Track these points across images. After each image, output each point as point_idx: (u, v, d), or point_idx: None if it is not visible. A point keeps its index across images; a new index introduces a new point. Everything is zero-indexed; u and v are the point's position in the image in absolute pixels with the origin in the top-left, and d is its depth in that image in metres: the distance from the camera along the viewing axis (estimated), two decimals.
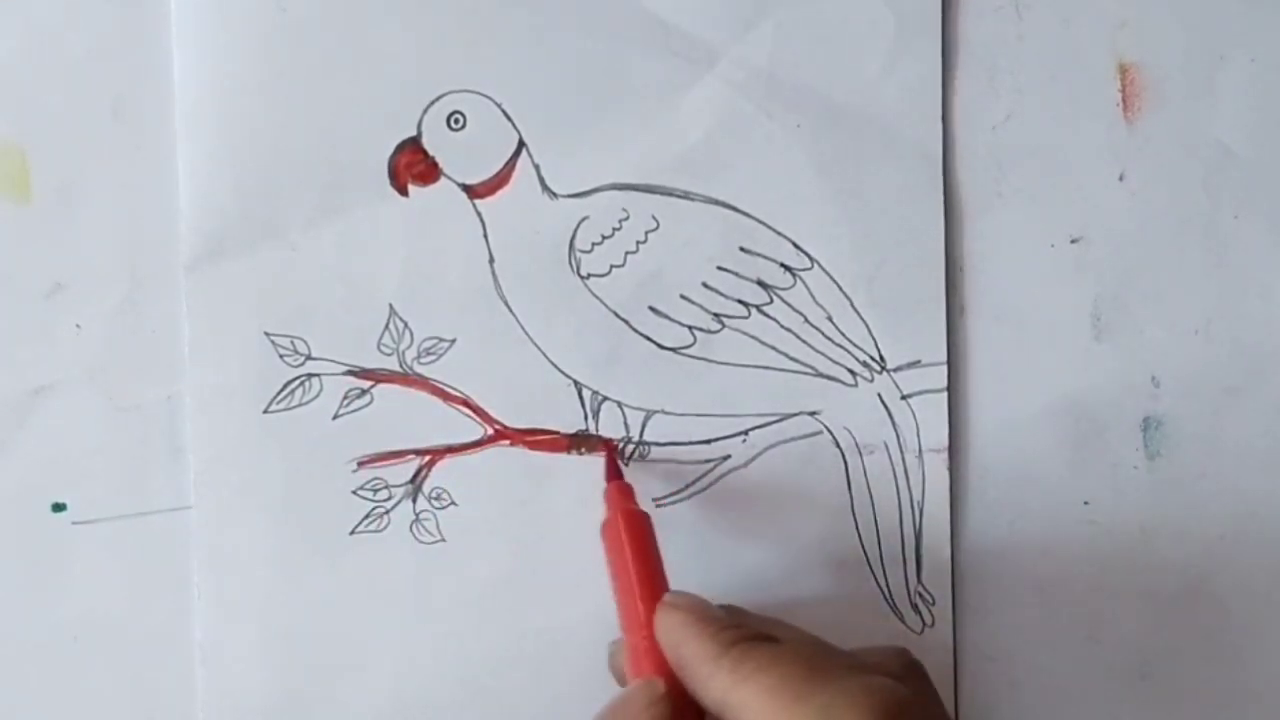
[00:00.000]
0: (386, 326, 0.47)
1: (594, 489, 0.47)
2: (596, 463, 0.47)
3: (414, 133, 0.47)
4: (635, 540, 0.43)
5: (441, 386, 0.47)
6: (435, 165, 0.47)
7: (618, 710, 0.40)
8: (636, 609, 0.42)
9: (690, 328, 0.47)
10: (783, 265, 0.48)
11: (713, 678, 0.39)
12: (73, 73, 0.46)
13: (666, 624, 0.41)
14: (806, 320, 0.48)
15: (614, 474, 0.46)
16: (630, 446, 0.47)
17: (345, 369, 0.47)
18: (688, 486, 0.48)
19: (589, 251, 0.47)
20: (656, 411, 0.47)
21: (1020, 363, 0.48)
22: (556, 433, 0.47)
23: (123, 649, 0.47)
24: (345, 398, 0.47)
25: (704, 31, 0.47)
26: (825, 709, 0.37)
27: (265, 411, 0.47)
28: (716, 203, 0.47)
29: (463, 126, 0.47)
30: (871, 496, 0.48)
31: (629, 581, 0.43)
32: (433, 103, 0.46)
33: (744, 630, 0.40)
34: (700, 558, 0.47)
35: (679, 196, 0.47)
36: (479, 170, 0.47)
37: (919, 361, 0.48)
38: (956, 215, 0.48)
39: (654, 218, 0.47)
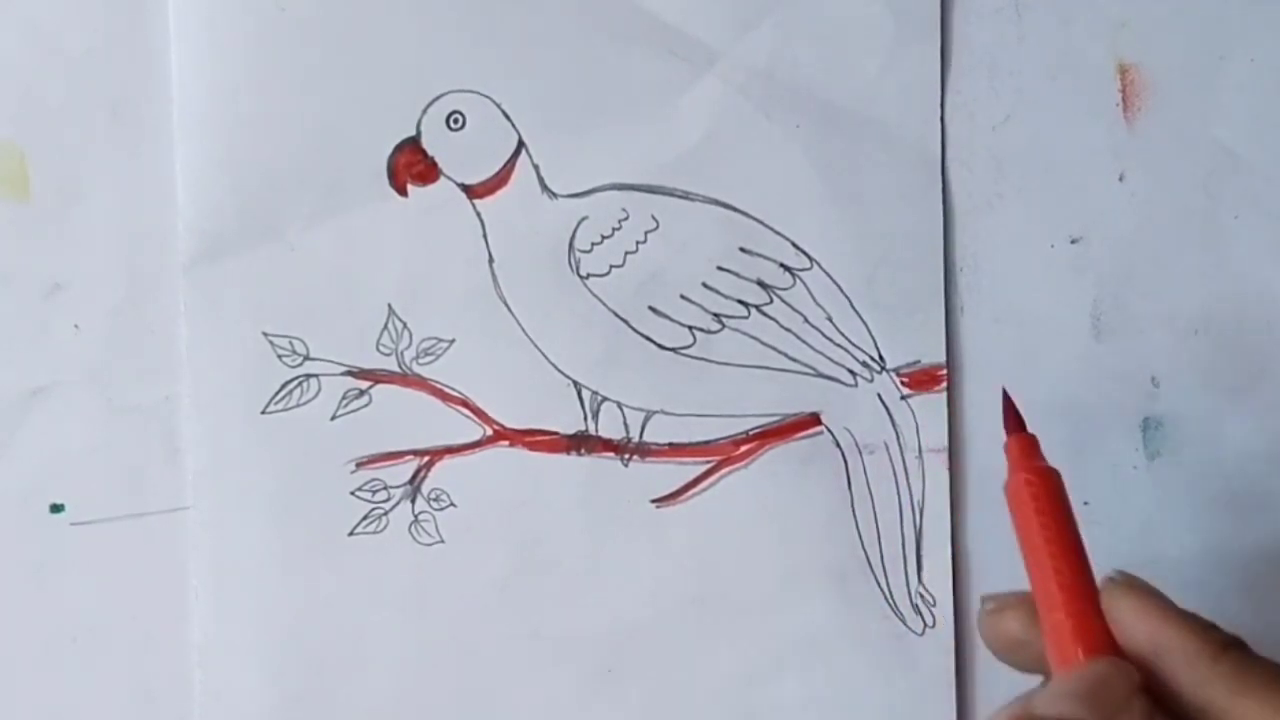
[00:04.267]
0: (385, 326, 0.47)
1: (594, 489, 0.47)
2: (597, 463, 0.47)
3: (413, 133, 0.46)
4: (1054, 504, 0.39)
5: (440, 387, 0.47)
6: (434, 165, 0.47)
7: (1097, 693, 0.36)
8: (1062, 583, 0.38)
9: (690, 328, 0.47)
10: (782, 265, 0.48)
11: (1210, 683, 0.37)
12: (72, 73, 0.46)
13: (1135, 608, 0.38)
14: (806, 320, 0.48)
15: (1014, 424, 0.40)
16: (630, 446, 0.47)
17: (344, 369, 0.47)
18: (688, 486, 0.48)
19: (589, 251, 0.47)
20: (656, 411, 0.47)
21: (1020, 363, 0.48)
22: (556, 433, 0.47)
23: (120, 650, 0.47)
24: (344, 398, 0.47)
25: (704, 31, 0.47)
26: None
27: (263, 412, 0.47)
28: (716, 203, 0.47)
29: (462, 126, 0.46)
30: (872, 496, 0.48)
31: (1052, 551, 0.38)
32: (432, 103, 0.46)
33: (1226, 634, 0.38)
34: (700, 558, 0.46)
35: (679, 196, 0.47)
36: (478, 170, 0.47)
37: (918, 362, 0.48)
38: (956, 215, 0.48)
39: (654, 218, 0.47)
